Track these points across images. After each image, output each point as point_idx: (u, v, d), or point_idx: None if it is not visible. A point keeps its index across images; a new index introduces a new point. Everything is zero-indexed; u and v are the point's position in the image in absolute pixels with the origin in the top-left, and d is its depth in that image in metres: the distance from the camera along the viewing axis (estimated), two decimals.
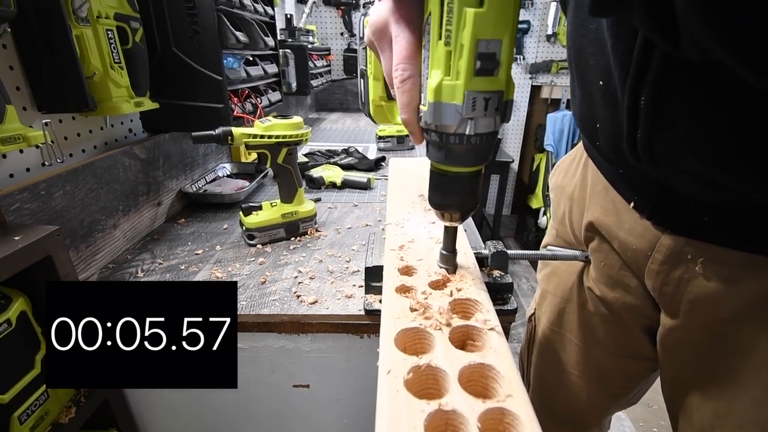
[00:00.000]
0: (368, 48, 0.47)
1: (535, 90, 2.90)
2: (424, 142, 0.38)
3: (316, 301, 0.61)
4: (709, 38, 0.23)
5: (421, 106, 0.36)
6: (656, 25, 0.25)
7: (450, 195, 0.38)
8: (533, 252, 0.60)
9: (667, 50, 0.29)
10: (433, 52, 0.32)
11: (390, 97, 0.49)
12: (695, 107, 0.31)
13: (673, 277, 0.43)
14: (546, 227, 2.60)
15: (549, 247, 0.62)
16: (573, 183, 0.58)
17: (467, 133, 0.33)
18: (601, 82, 0.38)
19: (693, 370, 0.45)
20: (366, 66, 0.56)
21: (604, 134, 0.42)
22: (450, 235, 0.44)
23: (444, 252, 0.45)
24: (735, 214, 0.37)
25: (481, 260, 0.52)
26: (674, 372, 0.49)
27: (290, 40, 1.78)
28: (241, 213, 0.79)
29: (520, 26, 2.66)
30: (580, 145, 0.58)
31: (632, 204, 0.45)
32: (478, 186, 0.38)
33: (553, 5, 2.65)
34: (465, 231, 0.58)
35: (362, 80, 0.51)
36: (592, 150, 0.52)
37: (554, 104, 2.88)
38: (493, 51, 0.29)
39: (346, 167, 1.29)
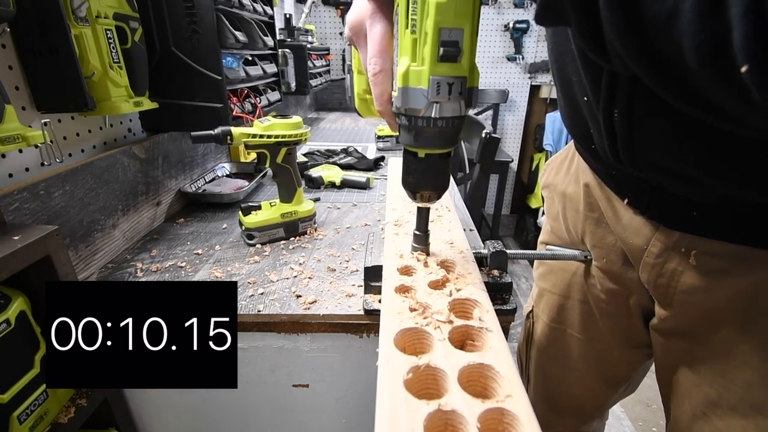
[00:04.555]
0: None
1: (535, 90, 2.90)
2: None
3: (315, 301, 0.61)
4: (626, 58, 0.25)
5: (392, 92, 0.38)
6: (587, 39, 0.26)
7: (421, 176, 0.40)
8: (532, 252, 0.60)
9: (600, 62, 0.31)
10: (401, 40, 0.34)
11: None
12: (665, 117, 0.33)
13: (667, 270, 0.44)
14: None
15: (549, 247, 0.63)
16: (566, 181, 0.58)
17: (433, 116, 0.35)
18: (585, 98, 0.40)
19: (685, 356, 0.47)
20: (351, 61, 0.58)
21: (597, 140, 0.43)
22: (422, 215, 0.47)
23: (417, 233, 0.48)
24: (721, 209, 0.38)
25: (480, 260, 0.52)
26: (667, 359, 0.50)
27: (289, 39, 1.77)
28: (240, 213, 0.79)
29: (519, 26, 2.66)
30: (572, 143, 0.59)
31: (626, 200, 0.47)
32: (447, 168, 0.40)
33: None
34: (465, 230, 0.58)
35: (348, 75, 0.55)
36: (585, 153, 0.53)
37: (553, 104, 2.88)
38: (456, 39, 0.31)
39: (345, 167, 1.29)
